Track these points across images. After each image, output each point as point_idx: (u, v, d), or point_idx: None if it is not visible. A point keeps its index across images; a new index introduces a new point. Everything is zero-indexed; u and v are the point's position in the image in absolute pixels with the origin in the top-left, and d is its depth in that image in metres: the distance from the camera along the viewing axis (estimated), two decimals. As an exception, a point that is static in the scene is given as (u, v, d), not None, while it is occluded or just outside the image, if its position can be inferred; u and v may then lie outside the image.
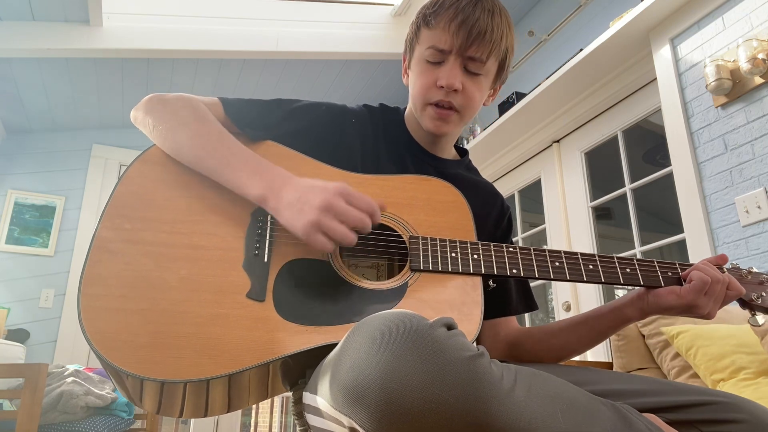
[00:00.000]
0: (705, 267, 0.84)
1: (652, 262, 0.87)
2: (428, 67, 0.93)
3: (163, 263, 0.76)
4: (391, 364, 0.52)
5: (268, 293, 0.76)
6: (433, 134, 0.98)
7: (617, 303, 0.89)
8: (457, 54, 0.91)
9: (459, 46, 0.90)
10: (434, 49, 0.91)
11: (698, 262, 0.86)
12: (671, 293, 0.83)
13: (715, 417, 0.68)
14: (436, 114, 0.94)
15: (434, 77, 0.92)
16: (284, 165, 0.88)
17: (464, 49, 0.90)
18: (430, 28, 0.92)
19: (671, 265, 0.87)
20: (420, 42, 0.95)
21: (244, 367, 0.69)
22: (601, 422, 0.59)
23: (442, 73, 0.91)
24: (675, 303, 0.83)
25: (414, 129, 1.02)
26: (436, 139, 1.02)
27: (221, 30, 3.21)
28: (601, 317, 0.90)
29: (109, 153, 3.78)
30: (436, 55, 0.92)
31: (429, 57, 0.92)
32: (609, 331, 0.91)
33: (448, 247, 0.83)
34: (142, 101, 0.90)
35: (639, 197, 2.58)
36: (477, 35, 0.89)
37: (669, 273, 0.86)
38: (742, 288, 0.85)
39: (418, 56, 0.95)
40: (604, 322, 0.90)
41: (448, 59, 0.91)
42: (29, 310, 3.34)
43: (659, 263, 0.87)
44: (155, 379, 0.67)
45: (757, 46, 1.85)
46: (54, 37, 2.87)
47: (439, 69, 0.92)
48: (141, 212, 0.80)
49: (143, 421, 2.55)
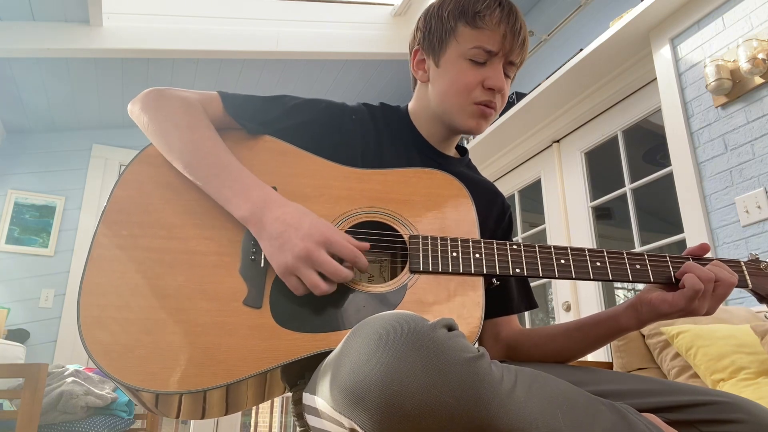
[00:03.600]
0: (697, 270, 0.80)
1: (663, 257, 0.83)
2: (471, 66, 0.93)
3: (161, 270, 0.75)
4: (391, 366, 0.52)
5: (264, 300, 0.75)
6: (468, 132, 0.98)
7: (613, 311, 0.87)
8: (502, 57, 0.92)
9: (507, 51, 0.92)
10: (482, 50, 0.91)
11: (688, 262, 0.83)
12: (663, 302, 0.80)
13: (715, 417, 0.68)
14: (480, 113, 0.94)
15: (480, 77, 0.92)
16: (283, 160, 0.87)
17: (509, 53, 0.92)
18: (476, 28, 0.92)
19: (683, 260, 0.84)
20: (460, 40, 0.93)
21: (240, 378, 0.69)
22: (601, 422, 0.59)
23: (489, 74, 0.92)
24: (669, 311, 0.81)
25: (423, 125, 1.01)
26: (449, 137, 1.02)
27: (221, 30, 3.21)
28: (597, 325, 0.88)
29: (109, 153, 3.78)
30: (483, 56, 0.92)
31: (474, 56, 0.92)
32: (605, 339, 0.89)
33: (449, 246, 0.81)
34: (140, 95, 0.90)
35: (639, 197, 2.58)
36: (521, 42, 0.93)
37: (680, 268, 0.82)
38: (733, 278, 0.81)
39: (457, 53, 0.93)
40: (600, 330, 0.88)
41: (492, 61, 0.92)
42: (29, 310, 3.34)
43: (671, 258, 0.83)
44: (151, 390, 0.67)
45: (757, 46, 1.85)
46: (54, 37, 2.87)
47: (483, 69, 0.92)
48: (138, 217, 0.79)
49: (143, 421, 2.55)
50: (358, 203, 0.85)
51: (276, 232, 0.75)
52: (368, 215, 0.84)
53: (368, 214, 0.84)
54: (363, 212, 0.84)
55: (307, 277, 0.73)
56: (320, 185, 0.85)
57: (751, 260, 0.88)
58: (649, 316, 0.83)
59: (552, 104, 2.86)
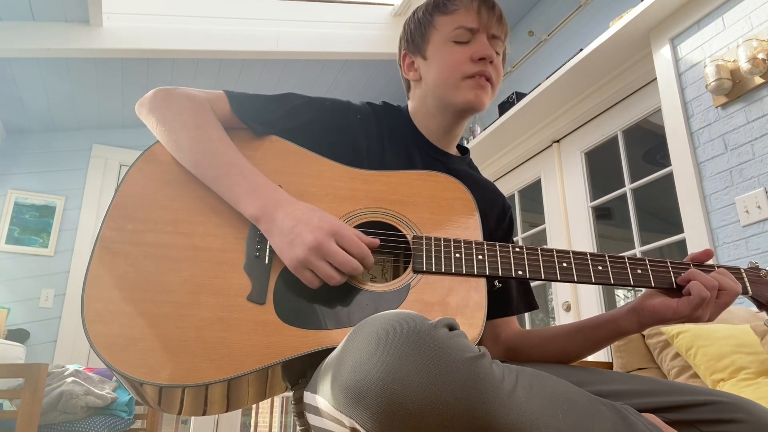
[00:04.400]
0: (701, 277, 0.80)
1: (664, 262, 0.84)
2: (456, 46, 0.96)
3: (166, 265, 0.76)
4: (392, 365, 0.52)
5: (268, 296, 0.76)
6: (471, 109, 0.97)
7: (613, 314, 0.87)
8: (484, 31, 0.96)
9: (486, 24, 0.96)
10: (463, 29, 0.95)
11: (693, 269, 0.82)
12: (667, 308, 0.80)
13: (715, 417, 0.68)
14: (476, 84, 0.95)
15: (467, 53, 0.95)
16: (288, 160, 0.87)
17: (489, 26, 0.96)
18: (449, 14, 0.97)
19: (684, 266, 0.84)
20: (439, 28, 0.97)
21: (242, 372, 0.69)
22: (601, 423, 0.59)
23: (475, 47, 0.95)
24: (672, 317, 0.80)
25: (423, 124, 1.02)
26: (449, 131, 1.02)
27: (221, 30, 3.21)
28: (598, 327, 0.88)
29: (109, 153, 3.77)
30: (465, 35, 0.95)
31: (457, 37, 0.96)
32: (605, 341, 0.89)
33: (452, 247, 0.81)
34: (148, 95, 0.90)
35: (639, 197, 2.58)
36: (498, 15, 0.97)
37: (682, 274, 0.83)
38: (738, 287, 0.81)
39: (441, 40, 0.97)
40: (600, 332, 0.88)
41: (476, 37, 0.96)
42: (29, 310, 3.34)
43: (672, 263, 0.84)
44: (154, 383, 0.68)
45: (757, 46, 1.85)
46: (54, 37, 2.87)
47: (468, 46, 0.95)
48: (144, 213, 0.80)
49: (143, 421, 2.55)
50: (362, 203, 0.85)
51: (287, 228, 0.76)
52: (372, 215, 0.84)
53: (372, 214, 0.85)
54: (367, 212, 0.85)
55: (320, 268, 0.74)
56: (325, 185, 0.86)
57: (751, 268, 0.88)
58: (651, 321, 0.83)
59: (552, 104, 2.86)
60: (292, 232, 0.75)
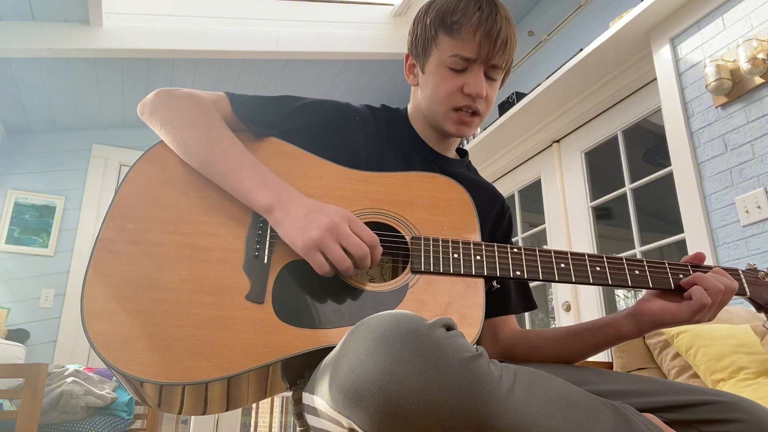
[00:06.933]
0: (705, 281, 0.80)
1: (662, 263, 0.84)
2: (451, 73, 0.93)
3: (165, 264, 0.76)
4: (390, 365, 0.52)
5: (267, 295, 0.76)
6: (454, 136, 0.99)
7: (613, 318, 0.87)
8: (481, 63, 0.92)
9: (485, 56, 0.91)
10: (459, 58, 0.92)
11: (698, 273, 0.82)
12: (666, 313, 0.80)
13: (715, 417, 0.68)
14: (459, 119, 0.95)
15: (459, 84, 0.93)
16: (287, 162, 0.88)
17: (489, 58, 0.92)
18: (453, 37, 0.92)
19: (683, 267, 0.84)
20: (440, 48, 0.94)
21: (241, 371, 0.69)
22: (600, 422, 0.59)
23: (468, 81, 0.92)
24: (672, 321, 0.81)
25: (421, 128, 1.02)
26: (445, 139, 1.02)
27: (221, 30, 3.21)
28: (597, 331, 0.88)
29: (109, 153, 3.77)
30: (461, 63, 0.92)
31: (452, 65, 0.92)
32: (604, 345, 0.89)
33: (450, 247, 0.82)
34: (151, 95, 0.90)
35: (639, 197, 2.58)
36: (501, 45, 0.91)
37: (680, 275, 0.83)
38: (734, 284, 0.81)
39: (437, 61, 0.94)
40: (599, 337, 0.88)
41: (472, 67, 0.92)
42: (29, 310, 3.34)
43: (670, 265, 0.84)
44: (154, 381, 0.68)
45: (757, 46, 1.85)
46: (54, 37, 2.87)
47: (462, 76, 0.93)
48: (144, 212, 0.81)
49: (143, 421, 2.55)
50: (361, 204, 0.86)
51: (301, 214, 0.77)
52: (370, 216, 0.85)
53: (371, 215, 0.85)
54: (365, 213, 0.85)
55: (333, 250, 0.74)
56: (324, 186, 0.87)
57: (749, 269, 0.88)
58: (650, 326, 0.83)
59: (552, 104, 2.86)
60: (306, 218, 0.77)
